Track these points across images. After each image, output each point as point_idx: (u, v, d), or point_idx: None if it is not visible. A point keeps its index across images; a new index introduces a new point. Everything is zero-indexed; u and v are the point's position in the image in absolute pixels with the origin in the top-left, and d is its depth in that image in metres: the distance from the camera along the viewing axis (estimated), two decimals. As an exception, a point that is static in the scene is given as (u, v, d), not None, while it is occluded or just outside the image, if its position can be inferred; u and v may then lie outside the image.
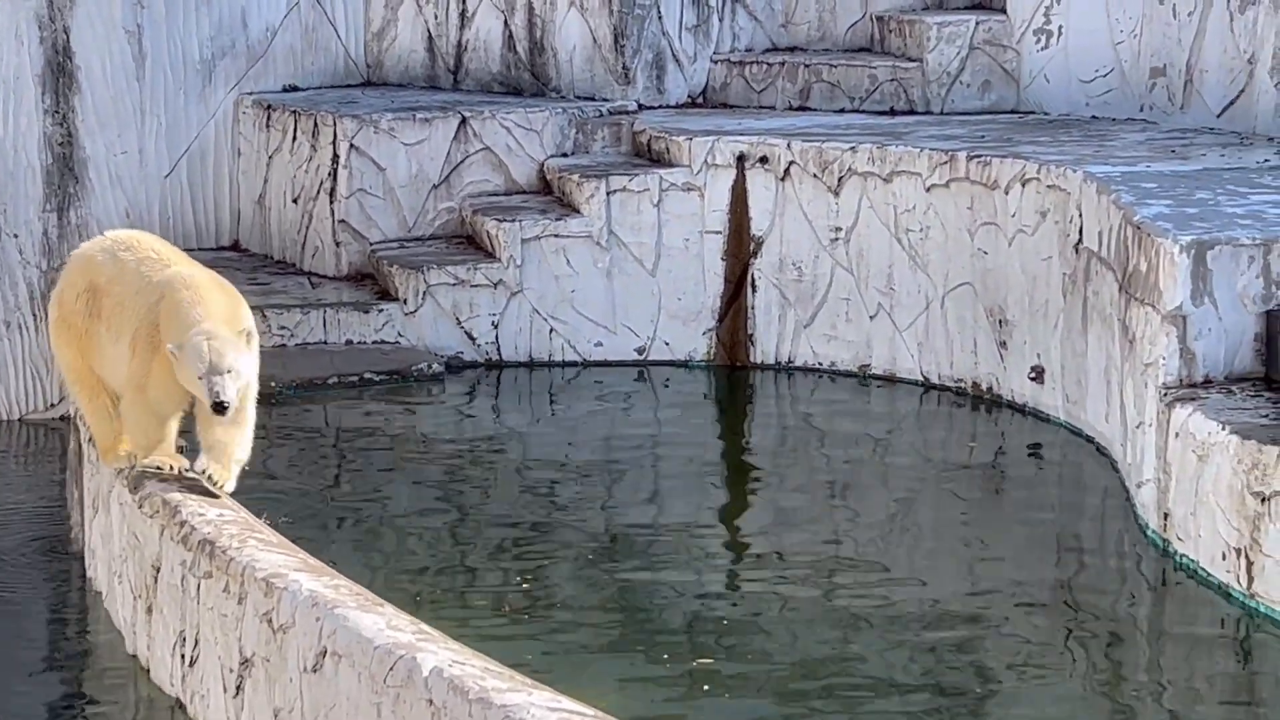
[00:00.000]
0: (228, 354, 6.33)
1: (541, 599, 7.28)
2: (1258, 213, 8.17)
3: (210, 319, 6.40)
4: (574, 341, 10.37)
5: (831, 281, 10.13)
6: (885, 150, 9.92)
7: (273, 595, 5.54)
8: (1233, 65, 10.15)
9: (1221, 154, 9.57)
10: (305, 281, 10.78)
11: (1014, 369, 9.44)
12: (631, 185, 10.37)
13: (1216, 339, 7.70)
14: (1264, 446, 6.92)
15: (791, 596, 7.31)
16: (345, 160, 10.81)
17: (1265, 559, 6.90)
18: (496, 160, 10.97)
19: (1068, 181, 9.03)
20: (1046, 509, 8.37)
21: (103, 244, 6.76)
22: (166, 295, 6.45)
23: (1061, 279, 9.07)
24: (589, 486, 8.65)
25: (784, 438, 9.62)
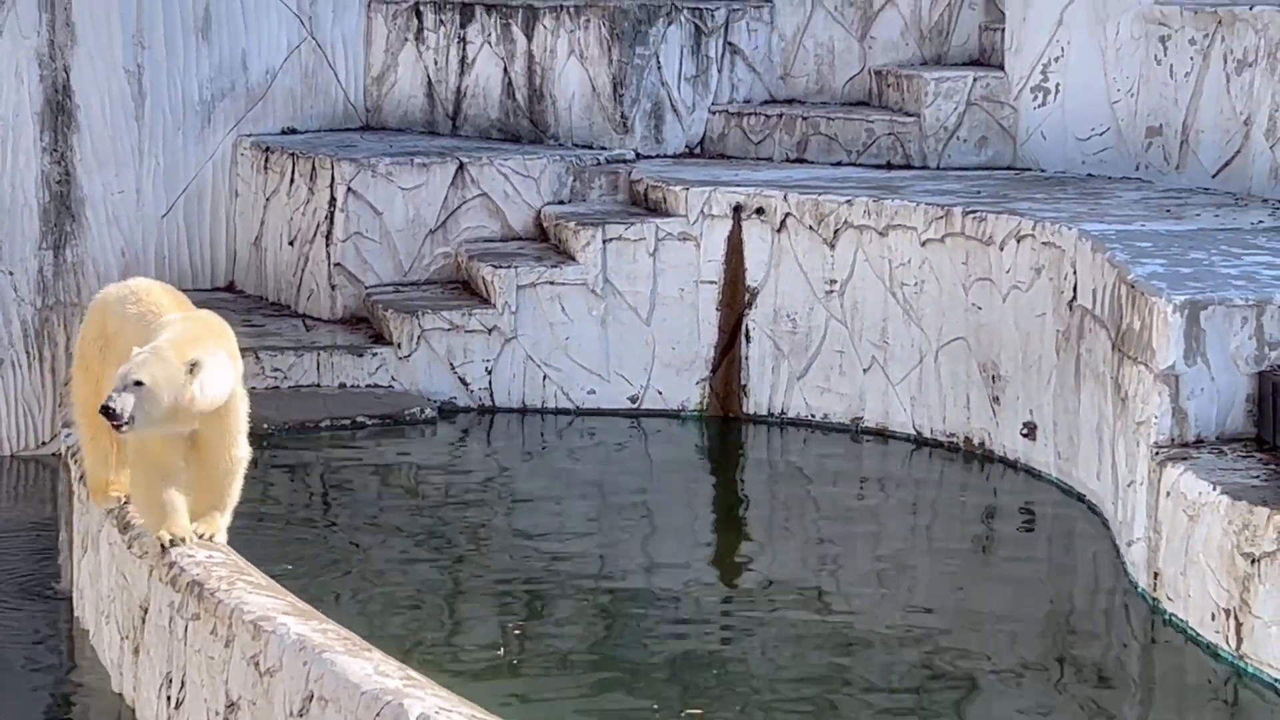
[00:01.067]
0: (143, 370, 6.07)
1: (531, 646, 7.26)
2: (1251, 274, 8.19)
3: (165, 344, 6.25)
4: (567, 389, 10.37)
5: (825, 334, 10.14)
6: (881, 204, 9.94)
7: (260, 638, 5.53)
8: (1229, 126, 10.19)
9: (1216, 214, 9.60)
10: (300, 324, 10.79)
11: (1006, 425, 9.45)
12: (628, 234, 10.39)
13: (1209, 399, 7.71)
14: (1255, 508, 6.93)
15: (781, 649, 7.29)
16: (342, 203, 10.83)
17: (1255, 620, 6.89)
18: (493, 206, 10.99)
19: (1063, 239, 9.05)
20: (1037, 566, 8.36)
21: (119, 292, 6.66)
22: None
23: (1055, 336, 9.08)
24: (581, 535, 8.64)
25: (775, 490, 9.61)
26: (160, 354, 6.11)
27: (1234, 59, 10.13)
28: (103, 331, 6.59)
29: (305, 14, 11.78)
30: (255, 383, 10.07)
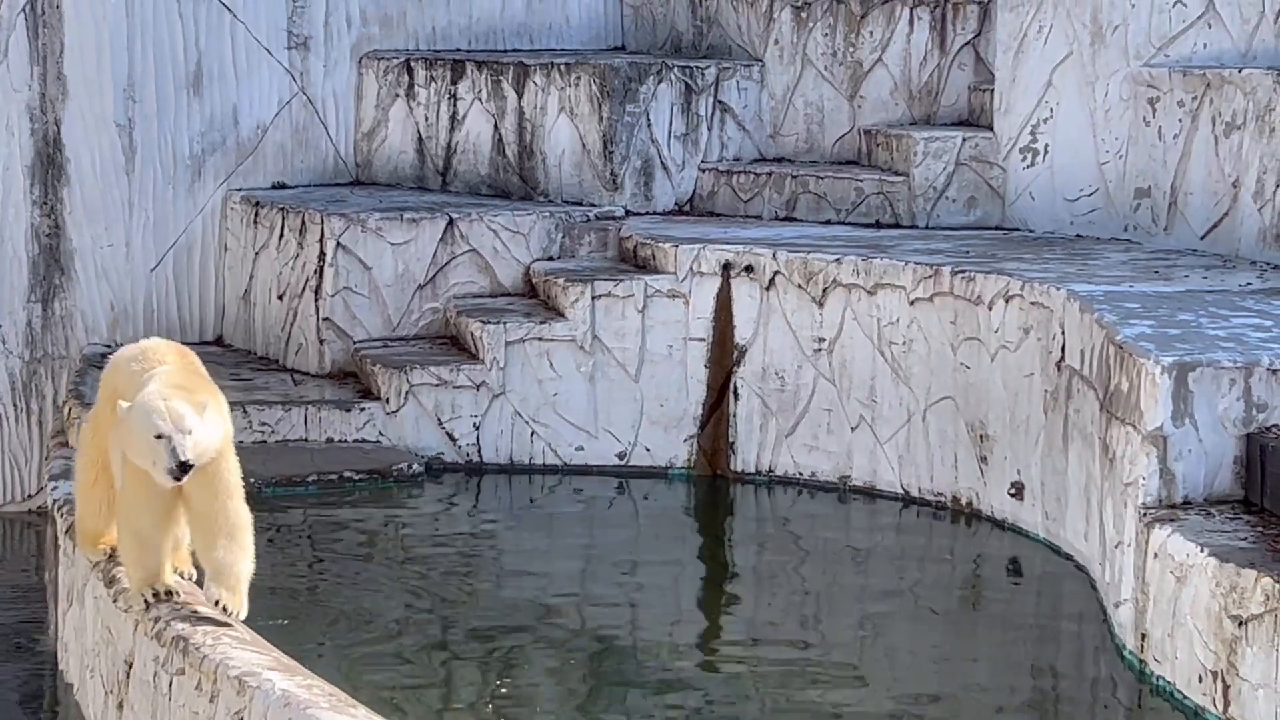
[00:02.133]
0: (187, 413, 5.93)
1: (516, 705, 7.23)
2: (1239, 335, 8.20)
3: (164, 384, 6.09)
4: (555, 445, 10.36)
5: (814, 392, 10.15)
6: (870, 263, 9.96)
7: (245, 694, 5.50)
8: (1217, 188, 10.23)
9: (1204, 276, 9.62)
10: (288, 378, 10.78)
11: (994, 484, 9.44)
12: (617, 290, 10.40)
13: (1197, 460, 7.71)
14: (1242, 570, 6.92)
15: (766, 708, 7.27)
16: (332, 258, 10.84)
17: (1242, 683, 6.88)
18: (483, 262, 11.00)
19: (1051, 299, 9.07)
20: (1023, 626, 8.34)
21: (129, 352, 6.50)
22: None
23: (1043, 396, 9.09)
24: (567, 593, 8.62)
25: (763, 549, 9.60)
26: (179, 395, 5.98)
27: (1222, 121, 10.17)
28: (114, 390, 6.42)
29: (296, 69, 11.81)
30: (243, 437, 10.03)
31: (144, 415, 5.95)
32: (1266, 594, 6.78)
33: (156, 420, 5.92)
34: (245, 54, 11.64)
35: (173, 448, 5.89)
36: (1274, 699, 6.73)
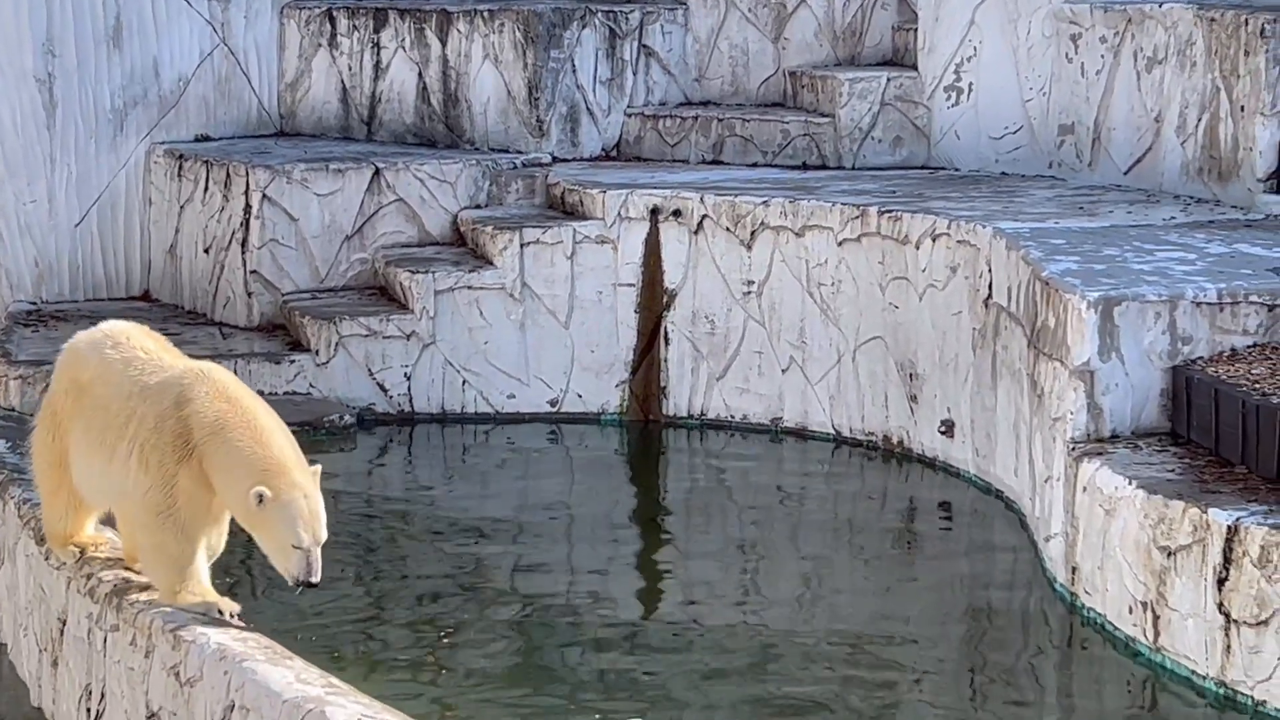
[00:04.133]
0: (323, 518, 5.58)
1: (454, 654, 7.24)
2: (1164, 269, 8.27)
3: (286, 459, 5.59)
4: (487, 393, 10.35)
5: (744, 335, 10.17)
6: (797, 204, 9.98)
7: (180, 648, 5.50)
8: (1140, 123, 10.28)
9: (1129, 211, 9.68)
10: (216, 332, 10.73)
11: (924, 423, 9.50)
12: (545, 238, 10.38)
13: (1124, 394, 7.78)
14: (1170, 501, 6.99)
15: (703, 655, 7.30)
16: (258, 210, 10.78)
17: (1171, 613, 6.96)
18: (410, 211, 10.96)
19: (977, 237, 9.11)
20: (955, 563, 8.41)
21: (91, 337, 6.08)
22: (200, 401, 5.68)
23: (971, 334, 9.14)
24: (502, 542, 8.62)
25: (696, 493, 9.63)
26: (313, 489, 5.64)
27: (1144, 56, 10.22)
28: (74, 381, 5.99)
29: (217, 20, 11.71)
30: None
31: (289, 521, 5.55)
32: (1194, 525, 6.86)
33: (301, 533, 5.58)
34: (165, 6, 11.53)
35: (309, 565, 5.59)
36: (1203, 628, 6.81)
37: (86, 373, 5.96)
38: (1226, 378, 7.51)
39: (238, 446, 5.58)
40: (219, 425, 5.61)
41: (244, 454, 5.56)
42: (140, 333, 6.04)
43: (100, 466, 5.86)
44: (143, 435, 5.68)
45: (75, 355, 6.06)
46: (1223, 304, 7.87)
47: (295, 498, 5.53)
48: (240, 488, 5.55)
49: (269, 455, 5.57)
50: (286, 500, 5.52)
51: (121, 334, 6.01)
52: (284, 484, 5.53)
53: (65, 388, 6.04)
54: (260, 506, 5.51)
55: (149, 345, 5.95)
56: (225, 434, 5.60)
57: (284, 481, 5.53)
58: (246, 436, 5.59)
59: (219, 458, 5.60)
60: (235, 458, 5.57)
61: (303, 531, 5.53)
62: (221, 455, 5.59)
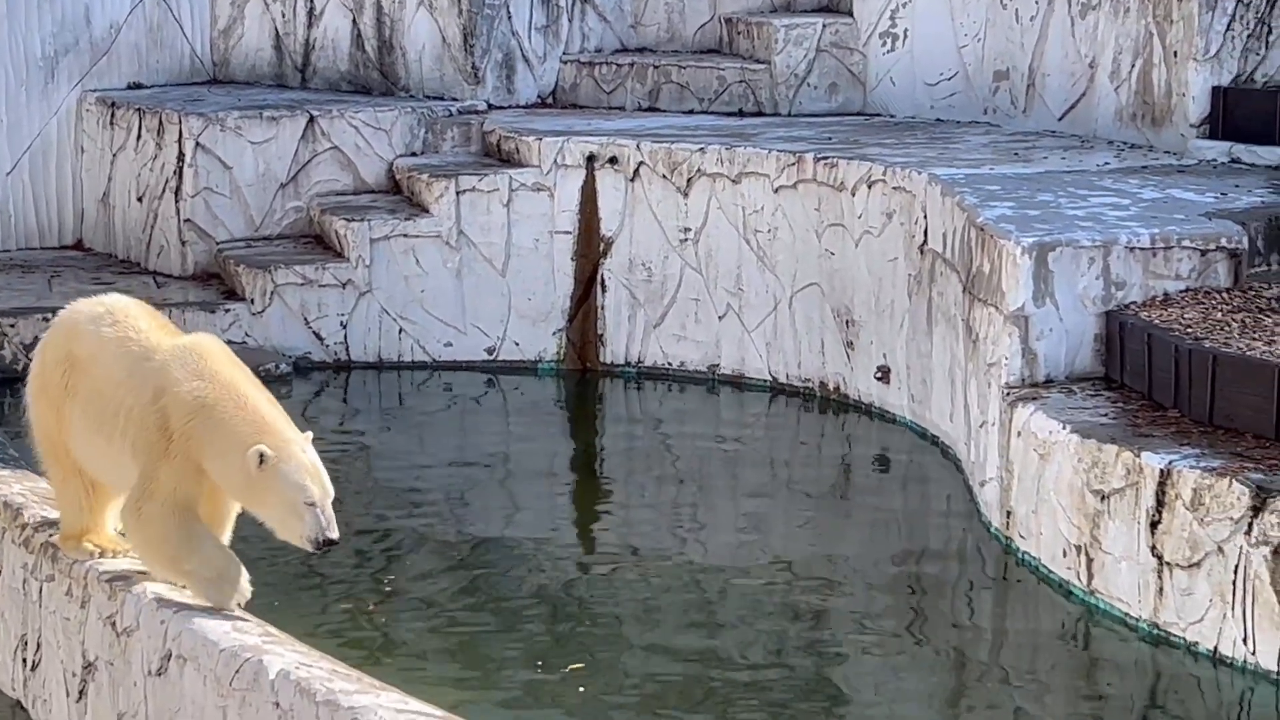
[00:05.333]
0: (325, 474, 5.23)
1: (394, 602, 7.24)
2: (1098, 215, 8.31)
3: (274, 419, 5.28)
4: (423, 342, 10.33)
5: (681, 282, 10.17)
6: (734, 151, 9.98)
7: (116, 598, 5.48)
8: (1074, 69, 10.32)
9: (1063, 157, 9.72)
10: (151, 281, 10.67)
11: (861, 369, 9.53)
12: (481, 185, 10.35)
13: (1058, 339, 7.82)
14: (1103, 445, 7.04)
15: (644, 599, 7.33)
16: (191, 159, 10.71)
17: (1105, 556, 7.02)
18: (345, 159, 10.91)
19: (913, 183, 9.14)
20: (892, 508, 8.45)
21: (93, 309, 5.61)
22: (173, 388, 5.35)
23: (907, 280, 9.17)
24: (440, 490, 8.62)
25: (634, 440, 9.64)
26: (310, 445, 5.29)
27: (1078, 2, 10.25)
28: (69, 354, 5.57)
29: (149, -33, 11.62)
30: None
31: (295, 476, 5.20)
32: (1127, 468, 6.91)
33: (309, 485, 5.20)
34: (95, -48, 11.43)
35: (326, 522, 5.20)
36: (1136, 571, 6.87)
37: (83, 349, 5.56)
38: (1160, 322, 7.56)
39: (223, 419, 5.28)
40: (199, 404, 5.30)
41: (231, 424, 5.27)
42: (138, 310, 5.62)
43: (100, 450, 5.54)
44: (131, 429, 5.40)
45: (73, 328, 5.62)
46: (1156, 249, 7.92)
47: (294, 451, 5.21)
48: (235, 456, 5.23)
49: (257, 419, 5.27)
50: (286, 455, 5.21)
51: (121, 310, 5.59)
52: (278, 441, 5.22)
53: (59, 358, 5.61)
54: (261, 469, 5.19)
55: (142, 325, 5.54)
56: (207, 411, 5.30)
57: (278, 439, 5.23)
58: (230, 407, 5.29)
59: (206, 435, 5.29)
60: (223, 429, 5.27)
61: (311, 484, 5.19)
62: (209, 432, 5.28)
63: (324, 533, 5.18)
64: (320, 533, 5.18)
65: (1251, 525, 6.45)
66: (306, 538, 5.20)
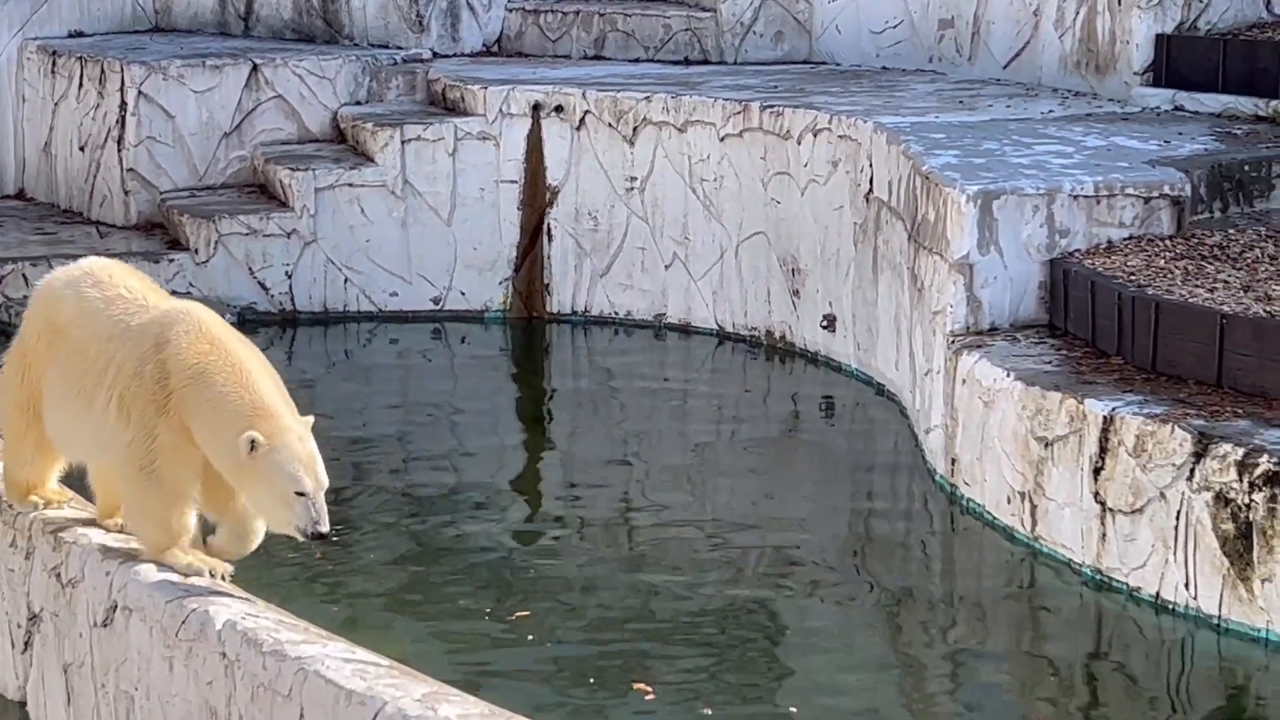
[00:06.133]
0: (321, 463, 4.98)
1: (342, 553, 7.24)
2: (1042, 163, 8.33)
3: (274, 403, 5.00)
4: (369, 291, 10.31)
5: (627, 231, 10.17)
6: (679, 100, 9.96)
7: (61, 550, 5.46)
8: (1019, 17, 10.33)
9: (1008, 105, 9.74)
10: (94, 231, 10.60)
11: (806, 318, 9.55)
12: (426, 134, 10.31)
13: (1002, 287, 7.85)
14: (1047, 393, 7.08)
15: (591, 548, 7.34)
16: (133, 107, 10.63)
17: (1048, 502, 7.06)
18: (289, 108, 10.85)
19: (858, 132, 9.14)
20: (838, 456, 8.48)
21: (70, 274, 5.38)
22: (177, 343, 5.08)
23: (853, 228, 9.18)
24: (387, 440, 8.61)
25: (581, 389, 9.65)
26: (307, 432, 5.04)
27: (1023, -49, 10.26)
28: (50, 322, 5.33)
29: (89, -87, 11.51)
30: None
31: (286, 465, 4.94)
32: (1071, 415, 6.95)
33: (302, 476, 4.94)
34: (35, -102, 11.33)
35: (317, 515, 4.95)
36: (1079, 517, 6.92)
37: (62, 314, 5.31)
38: (1103, 270, 7.59)
39: (221, 392, 5.00)
40: (199, 370, 5.02)
41: (229, 399, 4.99)
42: (123, 271, 5.39)
43: (77, 416, 5.28)
44: (122, 382, 5.12)
45: (50, 294, 5.38)
46: (1100, 197, 7.95)
47: (290, 440, 4.94)
48: (226, 435, 4.97)
49: (256, 400, 4.99)
50: (280, 444, 4.93)
51: (103, 271, 5.35)
52: (275, 427, 4.95)
53: (39, 328, 5.37)
54: (251, 455, 4.93)
55: (132, 284, 5.31)
56: (207, 378, 5.02)
57: (275, 425, 4.96)
58: (231, 381, 5.01)
59: (200, 404, 5.02)
60: (219, 403, 4.99)
61: (303, 475, 4.93)
62: (203, 402, 5.01)
63: (314, 526, 4.93)
64: (310, 525, 4.93)
65: (1193, 471, 6.50)
66: (295, 527, 4.97)
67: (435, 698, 4.43)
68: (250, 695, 4.72)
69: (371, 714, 4.40)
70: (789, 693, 6.13)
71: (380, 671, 4.56)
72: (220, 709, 4.82)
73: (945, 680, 6.34)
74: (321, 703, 4.52)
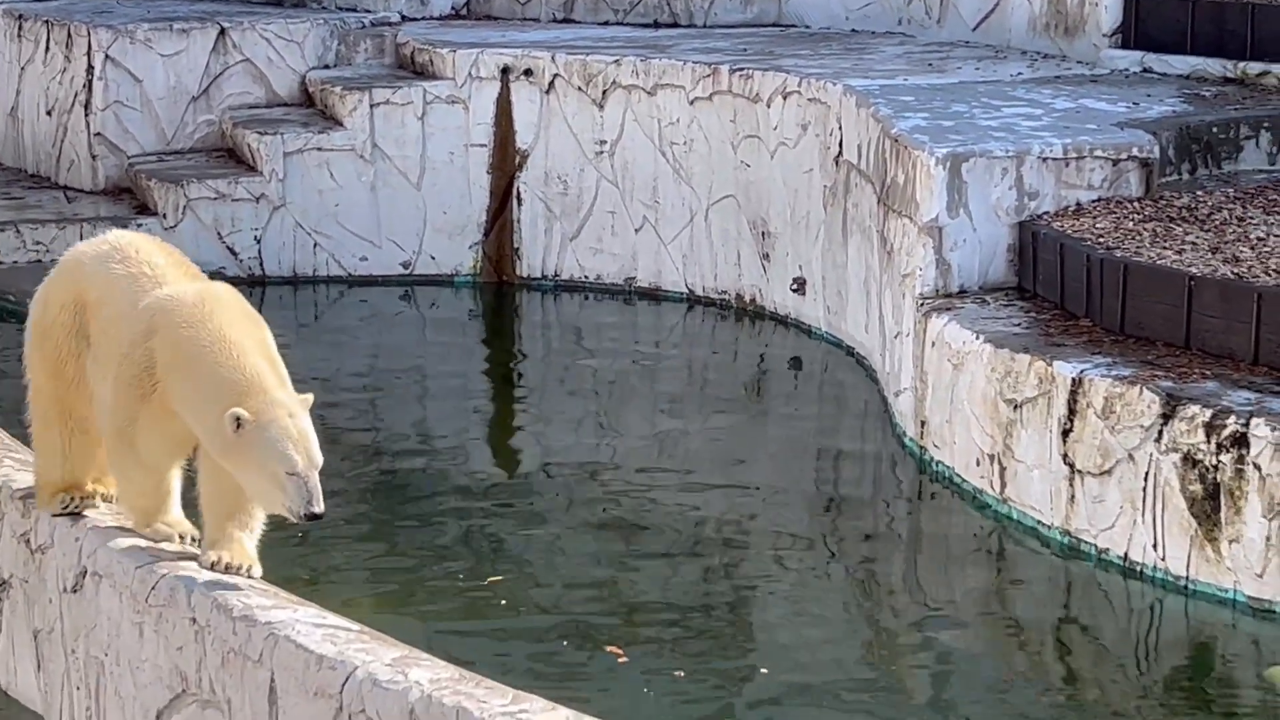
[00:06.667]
0: (314, 440, 4.75)
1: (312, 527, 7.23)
2: (1011, 125, 8.34)
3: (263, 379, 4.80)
4: (339, 256, 10.29)
5: (597, 195, 10.16)
6: (649, 63, 9.95)
7: (30, 515, 5.45)
8: (988, -20, 10.33)
9: (976, 67, 9.74)
10: (61, 196, 10.57)
11: (776, 281, 9.56)
12: (395, 98, 10.28)
13: (971, 250, 7.86)
14: (1016, 355, 7.10)
15: (561, 514, 7.35)
16: (100, 72, 10.59)
17: (1017, 464, 7.09)
18: (257, 72, 10.81)
19: (828, 94, 9.14)
20: (808, 419, 8.50)
21: (98, 248, 5.13)
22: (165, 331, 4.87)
23: (822, 191, 9.19)
24: (356, 405, 8.61)
25: (551, 353, 9.65)
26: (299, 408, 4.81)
27: (992, -87, 10.26)
28: (78, 298, 5.09)
29: (54, -124, 11.45)
30: (17, 257, 9.87)
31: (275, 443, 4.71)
32: (1040, 377, 6.97)
33: (292, 454, 4.71)
34: None
35: (310, 494, 4.72)
36: (1048, 479, 6.94)
37: (93, 291, 5.06)
38: (1072, 232, 7.61)
39: (206, 371, 4.79)
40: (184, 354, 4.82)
41: (212, 378, 4.77)
42: (150, 245, 5.12)
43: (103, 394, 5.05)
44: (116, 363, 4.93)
45: (79, 269, 5.13)
46: (1068, 159, 7.96)
47: (278, 416, 4.72)
48: (212, 415, 4.75)
49: (242, 378, 4.77)
50: (268, 420, 4.72)
51: (130, 247, 5.09)
52: (262, 403, 4.73)
53: (65, 302, 5.12)
54: (239, 433, 4.71)
55: (157, 260, 5.06)
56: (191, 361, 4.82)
57: (261, 401, 4.74)
58: (216, 360, 4.79)
59: (185, 387, 4.82)
60: (203, 383, 4.79)
61: (294, 453, 4.70)
62: (187, 384, 4.81)
63: (307, 506, 4.70)
64: (304, 505, 4.70)
65: (1162, 433, 6.53)
66: (287, 508, 4.74)
67: (406, 662, 4.43)
68: (221, 660, 4.72)
69: (342, 678, 4.41)
70: (759, 654, 6.16)
71: (351, 636, 4.57)
72: (190, 674, 4.82)
73: (914, 641, 6.37)
74: (292, 667, 4.52)
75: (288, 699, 4.53)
